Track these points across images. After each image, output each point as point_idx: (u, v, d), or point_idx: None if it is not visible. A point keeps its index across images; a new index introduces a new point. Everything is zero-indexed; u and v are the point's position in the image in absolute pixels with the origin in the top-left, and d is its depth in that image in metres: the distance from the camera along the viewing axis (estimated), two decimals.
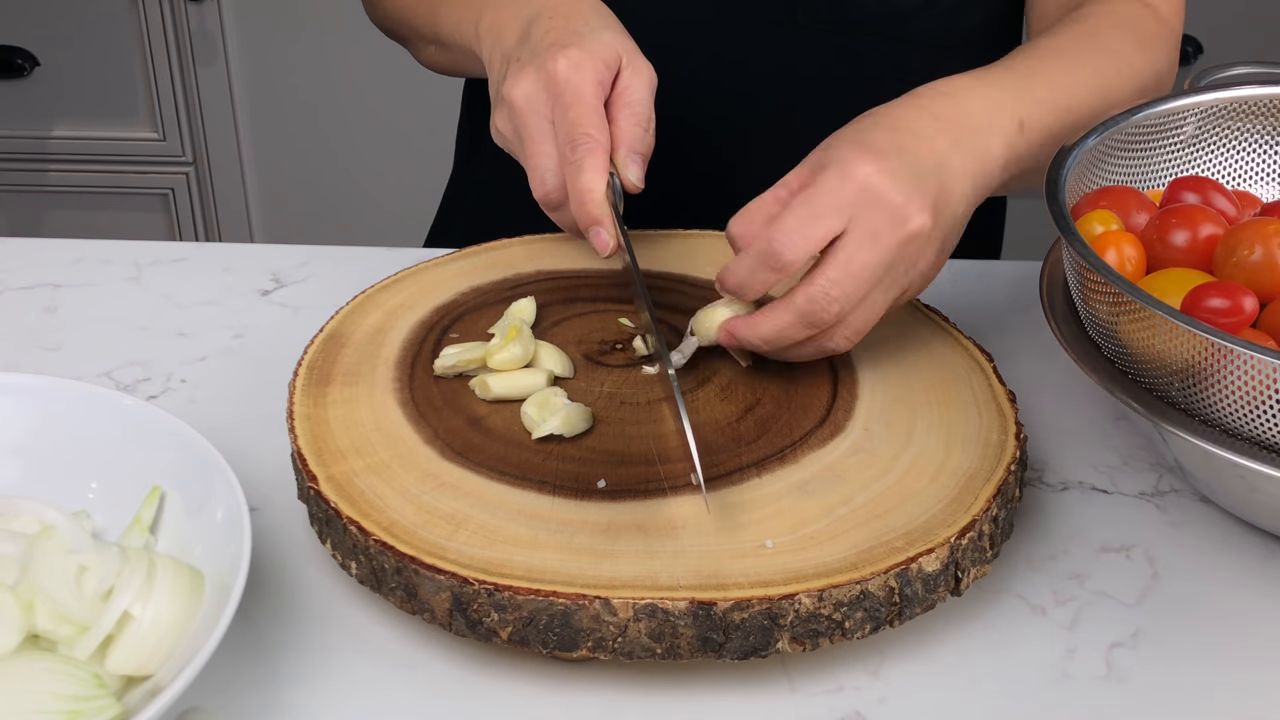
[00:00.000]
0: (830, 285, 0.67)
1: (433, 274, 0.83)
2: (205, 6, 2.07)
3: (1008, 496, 0.67)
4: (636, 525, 0.64)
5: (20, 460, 0.69)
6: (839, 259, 0.67)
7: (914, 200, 0.68)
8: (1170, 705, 0.63)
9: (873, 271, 0.68)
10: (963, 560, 0.64)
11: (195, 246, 0.97)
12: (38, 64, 2.12)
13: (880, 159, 0.68)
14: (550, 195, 0.76)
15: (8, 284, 0.92)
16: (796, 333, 0.69)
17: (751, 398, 0.73)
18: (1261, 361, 0.61)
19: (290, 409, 0.70)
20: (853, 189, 0.67)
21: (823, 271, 0.68)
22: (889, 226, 0.68)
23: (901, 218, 0.68)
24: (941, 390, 0.74)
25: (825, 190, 0.68)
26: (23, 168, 2.20)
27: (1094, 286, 0.69)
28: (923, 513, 0.65)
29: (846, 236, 0.67)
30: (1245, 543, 0.72)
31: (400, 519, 0.64)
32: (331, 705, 0.62)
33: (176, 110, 2.14)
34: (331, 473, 0.66)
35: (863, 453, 0.69)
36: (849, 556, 0.62)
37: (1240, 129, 0.82)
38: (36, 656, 0.58)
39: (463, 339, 0.76)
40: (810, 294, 0.68)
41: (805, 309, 0.68)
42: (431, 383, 0.73)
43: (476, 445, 0.69)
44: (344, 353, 0.75)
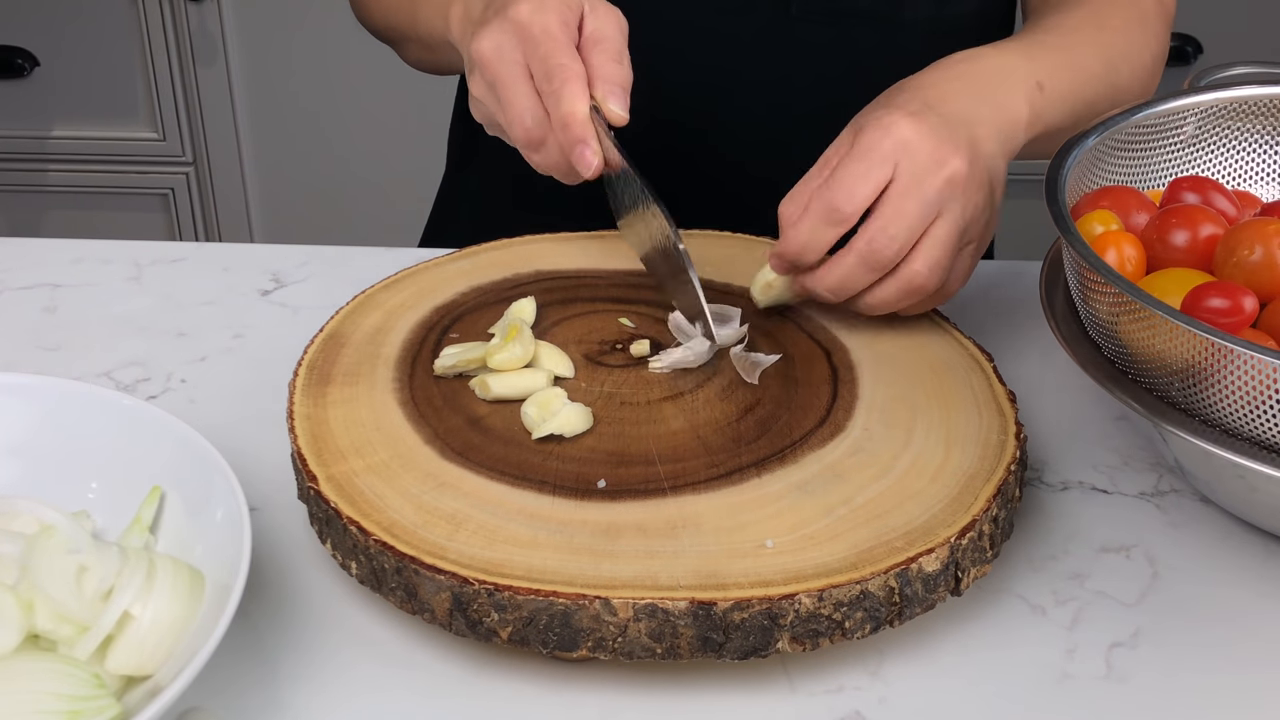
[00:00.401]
0: (886, 223, 0.72)
1: (433, 274, 0.83)
2: (205, 6, 2.07)
3: (1008, 496, 0.67)
4: (636, 525, 0.64)
5: (20, 460, 0.69)
6: (890, 202, 0.72)
7: (947, 146, 0.72)
8: (1170, 705, 0.63)
9: (923, 209, 0.72)
10: (963, 560, 0.63)
11: (195, 246, 0.97)
12: (38, 64, 2.12)
13: (913, 116, 0.73)
14: (531, 133, 0.76)
15: (7, 284, 0.92)
16: (861, 275, 0.73)
17: (751, 398, 0.73)
18: (1261, 362, 0.61)
19: (290, 409, 0.70)
20: (893, 142, 0.72)
21: (877, 215, 0.72)
22: (929, 171, 0.72)
23: (939, 161, 0.72)
24: (941, 390, 0.74)
25: (869, 147, 0.72)
26: (23, 168, 2.20)
27: (1094, 286, 0.69)
28: (923, 513, 0.65)
29: (893, 185, 0.72)
30: (1245, 543, 0.72)
31: (400, 519, 0.64)
32: (331, 705, 0.62)
33: (176, 110, 2.14)
34: (331, 473, 0.66)
35: (863, 453, 0.69)
36: (849, 556, 0.62)
37: (1240, 129, 0.82)
38: (36, 656, 0.58)
39: (463, 339, 0.76)
40: (868, 235, 0.72)
41: (865, 250, 0.72)
42: (432, 383, 0.73)
43: (476, 445, 0.69)
44: (344, 353, 0.75)
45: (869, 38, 0.95)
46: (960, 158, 0.72)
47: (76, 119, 2.17)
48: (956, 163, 0.72)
